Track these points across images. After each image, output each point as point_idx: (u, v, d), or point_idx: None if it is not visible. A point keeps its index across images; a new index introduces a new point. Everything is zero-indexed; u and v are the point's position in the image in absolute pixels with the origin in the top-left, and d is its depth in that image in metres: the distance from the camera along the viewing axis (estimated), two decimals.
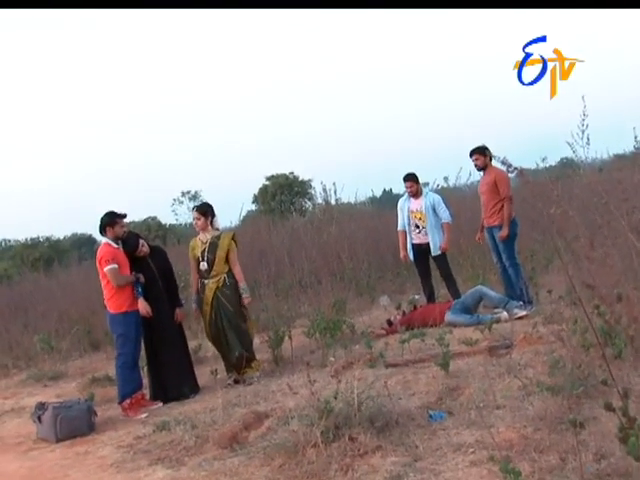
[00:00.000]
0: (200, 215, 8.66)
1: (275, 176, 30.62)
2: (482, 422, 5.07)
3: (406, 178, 10.54)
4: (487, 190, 9.65)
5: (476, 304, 9.49)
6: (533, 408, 5.24)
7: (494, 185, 9.51)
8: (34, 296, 16.66)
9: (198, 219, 8.67)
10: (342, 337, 8.90)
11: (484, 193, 9.75)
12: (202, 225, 8.63)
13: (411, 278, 12.65)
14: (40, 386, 10.55)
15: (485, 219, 9.83)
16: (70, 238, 39.95)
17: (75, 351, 12.78)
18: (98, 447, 6.79)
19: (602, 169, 11.02)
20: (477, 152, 9.75)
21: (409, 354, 7.72)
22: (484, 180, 9.81)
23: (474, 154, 9.78)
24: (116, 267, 7.93)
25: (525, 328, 7.78)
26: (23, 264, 27.71)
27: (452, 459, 4.68)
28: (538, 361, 6.43)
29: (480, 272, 11.45)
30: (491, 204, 9.62)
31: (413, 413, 5.68)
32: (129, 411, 7.83)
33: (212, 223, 8.68)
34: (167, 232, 27.91)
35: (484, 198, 9.77)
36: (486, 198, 9.71)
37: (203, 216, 8.63)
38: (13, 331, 14.17)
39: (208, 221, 8.61)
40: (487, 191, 9.65)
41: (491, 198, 9.61)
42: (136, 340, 8.09)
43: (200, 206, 8.93)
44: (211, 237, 8.54)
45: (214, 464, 5.53)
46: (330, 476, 4.75)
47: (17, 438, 7.65)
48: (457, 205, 14.02)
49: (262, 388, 7.70)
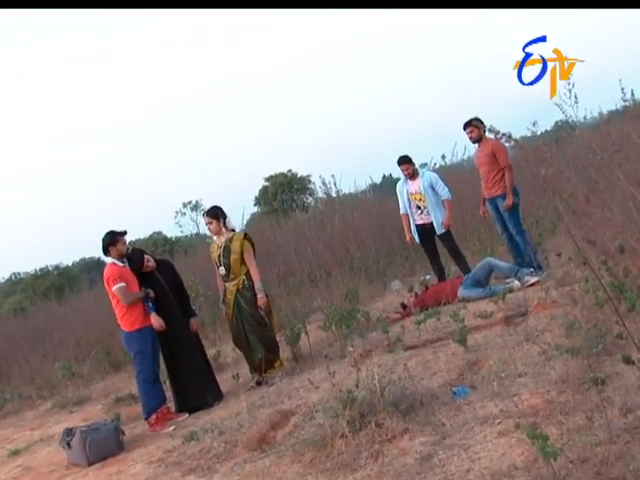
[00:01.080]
0: (211, 219, 8.59)
1: (274, 176, 30.65)
2: (505, 392, 5.08)
3: (400, 161, 10.51)
4: (486, 162, 9.62)
5: (487, 276, 9.47)
6: (555, 372, 5.23)
7: (492, 156, 9.48)
8: (49, 325, 16.73)
9: (210, 223, 8.61)
10: (358, 326, 8.88)
11: (483, 165, 9.72)
12: (215, 229, 8.59)
13: (420, 260, 12.65)
14: (66, 413, 10.59)
15: (486, 190, 9.80)
16: (79, 263, 40.06)
17: (96, 374, 12.83)
18: (129, 465, 6.80)
19: (596, 127, 11.01)
20: (471, 125, 9.72)
21: (426, 334, 7.71)
22: (481, 152, 9.78)
23: (468, 127, 9.76)
24: (124, 285, 7.94)
25: (538, 294, 7.79)
26: (35, 295, 27.81)
27: (480, 432, 4.68)
28: (555, 325, 6.42)
29: (488, 245, 11.45)
30: (491, 175, 9.60)
31: (436, 392, 5.68)
32: (156, 426, 7.85)
33: (225, 224, 8.63)
34: (173, 245, 27.97)
35: (483, 170, 9.74)
36: (486, 169, 9.68)
37: (215, 219, 8.57)
38: (33, 362, 14.22)
39: (221, 224, 8.57)
40: (486, 162, 9.62)
41: (491, 169, 9.58)
42: (154, 355, 8.09)
43: (209, 210, 8.76)
44: (225, 240, 8.52)
45: (245, 467, 5.53)
46: (361, 464, 4.75)
47: (49, 467, 7.67)
48: (458, 181, 14.02)
49: (285, 387, 7.70)
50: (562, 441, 4.05)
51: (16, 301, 28.64)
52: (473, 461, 4.25)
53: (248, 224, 20.69)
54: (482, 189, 9.99)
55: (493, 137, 9.02)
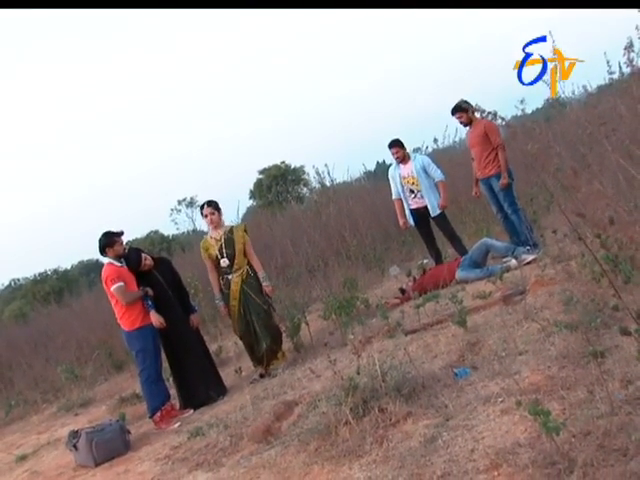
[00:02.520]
0: (214, 210, 8.61)
1: (267, 168, 30.62)
2: (506, 371, 5.11)
3: (391, 145, 10.48)
4: (478, 142, 9.59)
5: (484, 257, 9.47)
6: (555, 348, 5.25)
7: (485, 136, 9.46)
8: (51, 329, 16.75)
9: (212, 214, 8.59)
10: (358, 314, 8.90)
11: (475, 145, 9.70)
12: (217, 220, 8.61)
13: (417, 244, 12.65)
14: (71, 415, 10.62)
15: (479, 171, 9.77)
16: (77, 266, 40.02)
17: (99, 375, 12.86)
18: (137, 464, 6.82)
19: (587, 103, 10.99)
20: (459, 110, 9.70)
21: (426, 318, 7.70)
22: (473, 133, 9.75)
23: (456, 112, 9.74)
24: (122, 285, 7.95)
25: (535, 272, 7.80)
26: (35, 300, 27.80)
27: (483, 412, 4.69)
28: (553, 301, 6.44)
29: (483, 225, 11.45)
30: (484, 155, 9.58)
31: (438, 374, 5.69)
32: (161, 423, 7.87)
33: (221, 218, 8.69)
34: (171, 243, 27.97)
35: (476, 150, 9.72)
36: (478, 150, 9.66)
37: (217, 211, 8.61)
38: (36, 366, 14.26)
39: (221, 216, 8.63)
40: (478, 143, 9.60)
41: (483, 149, 9.56)
42: (155, 353, 8.11)
43: (212, 201, 8.73)
44: (224, 232, 8.53)
45: (252, 459, 5.54)
46: (366, 450, 4.76)
47: (57, 470, 7.69)
48: (451, 163, 14.00)
49: (287, 377, 7.71)
50: (564, 416, 4.06)
51: (17, 307, 28.65)
52: (477, 441, 4.26)
53: (244, 218, 20.66)
54: (474, 170, 9.98)
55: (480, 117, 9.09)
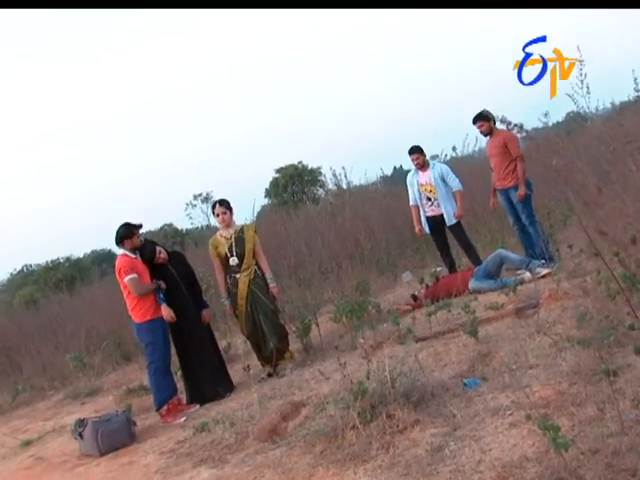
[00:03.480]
0: (226, 209, 8.64)
1: (284, 168, 30.56)
2: (517, 383, 5.07)
3: (411, 151, 10.49)
4: (497, 152, 9.58)
5: (498, 268, 9.44)
6: (566, 363, 5.22)
7: (504, 146, 9.45)
8: (61, 317, 16.76)
9: (224, 213, 8.63)
10: (369, 318, 8.89)
11: (494, 156, 9.68)
12: (228, 219, 8.63)
13: (431, 251, 12.62)
14: (78, 404, 10.64)
15: (498, 182, 9.75)
16: (90, 255, 40.06)
17: (108, 365, 12.86)
18: (141, 456, 6.83)
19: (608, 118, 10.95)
20: (480, 119, 9.69)
21: (437, 326, 7.70)
22: (492, 143, 9.73)
23: (478, 121, 9.72)
24: (136, 277, 7.96)
25: (550, 285, 7.77)
26: (46, 286, 27.85)
27: (491, 423, 4.68)
28: (566, 316, 6.42)
29: (499, 237, 11.41)
30: (503, 166, 9.56)
31: (447, 383, 5.68)
32: (167, 417, 7.87)
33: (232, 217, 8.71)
34: (184, 237, 27.96)
35: (495, 161, 9.70)
36: (497, 161, 9.64)
37: (229, 210, 8.64)
38: (45, 353, 14.27)
39: (232, 215, 8.65)
40: (498, 153, 9.58)
41: (502, 160, 9.54)
42: (165, 346, 8.12)
43: (224, 201, 8.78)
44: (235, 232, 8.56)
45: (257, 458, 5.55)
46: (372, 455, 4.76)
47: (61, 457, 7.70)
48: (469, 172, 13.97)
49: (296, 378, 7.71)
50: (573, 432, 4.05)
51: (28, 293, 28.66)
52: (484, 452, 4.25)
53: (258, 216, 20.66)
54: (493, 180, 9.96)
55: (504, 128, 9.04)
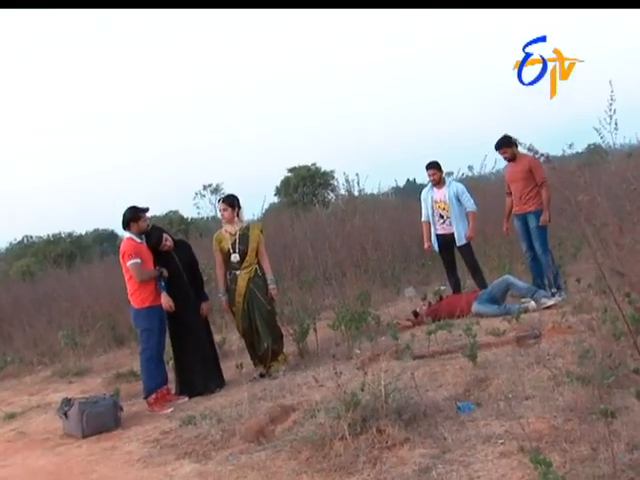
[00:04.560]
0: (227, 206, 8.62)
1: (297, 168, 30.57)
2: (511, 413, 5.02)
3: (429, 166, 10.47)
4: (521, 178, 9.52)
5: (503, 294, 9.40)
6: (563, 398, 5.18)
7: (529, 172, 9.40)
8: (57, 292, 16.70)
9: (225, 210, 8.63)
10: (367, 329, 8.82)
11: (517, 181, 9.61)
12: (229, 216, 8.60)
13: (436, 269, 12.58)
14: (65, 382, 10.58)
15: (517, 206, 9.66)
16: (92, 234, 40.04)
17: (99, 347, 12.81)
18: (124, 442, 6.79)
19: (631, 154, 10.90)
20: (504, 145, 9.63)
21: (436, 345, 7.65)
22: (516, 168, 9.66)
23: (501, 148, 9.67)
24: (139, 262, 7.91)
25: (554, 317, 7.72)
26: (45, 260, 27.80)
27: (481, 450, 4.63)
28: (567, 351, 6.36)
29: (507, 262, 11.33)
30: (526, 191, 9.51)
31: (441, 405, 5.63)
32: (155, 406, 7.82)
33: (238, 215, 8.65)
34: (189, 226, 27.90)
35: (517, 186, 9.63)
36: (520, 186, 9.57)
37: (230, 207, 8.60)
38: (37, 327, 14.21)
39: (235, 213, 8.58)
40: (521, 179, 9.53)
41: (526, 185, 9.49)
42: (160, 335, 8.08)
43: (227, 197, 8.87)
44: (240, 229, 8.52)
45: (241, 458, 5.50)
46: (358, 469, 4.71)
47: (44, 434, 7.66)
48: (483, 194, 13.89)
49: (288, 381, 7.65)
50: (564, 469, 4.00)
51: (25, 264, 28.60)
52: (472, 479, 4.21)
53: (266, 213, 20.62)
54: (508, 205, 9.89)
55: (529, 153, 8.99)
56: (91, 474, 6.03)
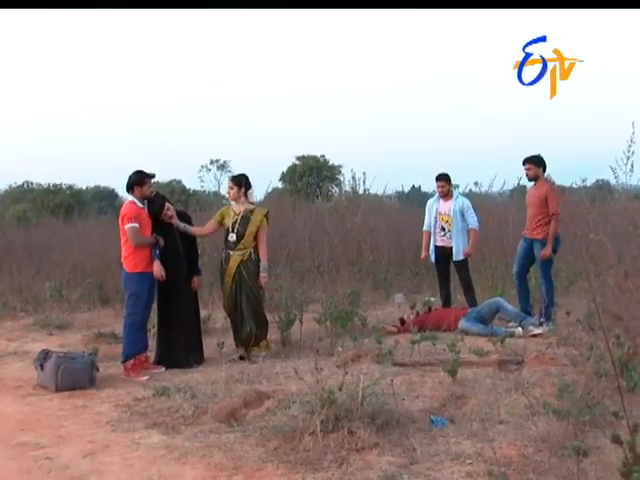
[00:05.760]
0: (234, 185, 8.61)
1: (306, 157, 30.59)
2: (483, 435, 5.06)
3: (439, 177, 10.49)
4: (535, 203, 9.52)
5: (492, 315, 9.42)
6: (537, 429, 5.19)
7: (544, 199, 9.38)
8: (50, 243, 16.62)
9: (231, 188, 8.64)
10: (353, 329, 8.85)
11: (532, 206, 9.61)
12: (234, 195, 8.59)
13: (429, 279, 12.57)
14: (45, 333, 10.55)
15: (528, 230, 9.68)
16: (92, 190, 40.07)
17: (84, 303, 12.75)
18: (96, 403, 6.78)
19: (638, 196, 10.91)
20: (530, 162, 9.60)
21: (418, 356, 7.67)
22: (534, 192, 9.66)
23: (527, 163, 9.62)
24: (137, 226, 7.89)
25: (538, 347, 7.74)
26: (43, 209, 27.75)
27: (448, 467, 4.65)
28: (547, 382, 6.38)
29: (500, 284, 11.33)
30: (537, 218, 9.49)
31: (415, 415, 5.65)
32: (131, 371, 7.82)
33: (247, 195, 8.62)
34: (190, 197, 27.85)
35: (531, 210, 9.63)
36: (533, 211, 9.57)
37: (237, 186, 8.57)
38: (25, 274, 14.15)
39: (241, 192, 8.55)
40: (535, 204, 9.52)
41: (538, 212, 9.47)
42: (148, 302, 8.09)
43: (235, 176, 8.89)
44: (244, 210, 8.49)
45: (210, 437, 5.52)
46: (324, 466, 4.72)
47: (17, 382, 7.65)
48: (486, 212, 13.86)
49: (266, 368, 7.66)
50: None
51: (22, 209, 28.58)
52: None
53: (269, 197, 20.56)
54: None
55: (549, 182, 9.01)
56: (59, 429, 6.02)
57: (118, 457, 5.28)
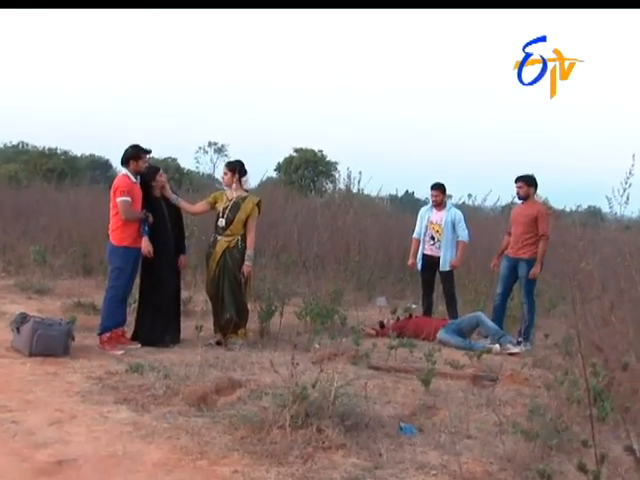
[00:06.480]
0: (228, 170, 8.62)
1: (303, 150, 30.53)
2: (451, 447, 5.04)
3: (433, 186, 10.50)
4: (525, 222, 9.50)
5: (471, 329, 9.42)
6: (504, 447, 5.19)
7: (534, 219, 9.37)
8: (40, 206, 16.60)
9: (225, 174, 8.65)
10: (332, 327, 8.82)
11: (520, 224, 9.58)
12: (228, 181, 8.60)
13: (413, 286, 12.55)
14: (25, 296, 10.52)
15: (512, 249, 9.64)
16: (87, 158, 39.88)
17: (67, 271, 12.74)
18: (68, 371, 6.77)
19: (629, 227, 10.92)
20: (523, 180, 9.60)
21: (394, 361, 7.66)
22: (524, 210, 9.66)
23: (519, 181, 9.62)
24: (129, 200, 7.87)
25: (514, 366, 7.75)
26: (35, 172, 27.62)
27: (413, 476, 4.65)
28: (519, 402, 6.39)
29: (483, 299, 11.33)
30: (524, 237, 9.47)
31: (384, 420, 5.64)
32: (106, 344, 7.80)
33: (241, 182, 8.62)
34: (184, 177, 27.77)
35: (518, 229, 9.60)
36: (520, 229, 9.55)
37: (231, 172, 8.58)
38: (11, 235, 14.11)
39: (235, 178, 8.55)
40: (524, 222, 9.50)
41: (526, 231, 9.46)
42: (130, 277, 8.09)
43: (231, 162, 8.91)
44: (237, 197, 8.49)
45: (178, 419, 5.51)
46: (289, 461, 4.72)
47: None
48: (477, 227, 13.86)
49: (242, 356, 7.65)
50: None
51: (14, 169, 28.42)
52: None
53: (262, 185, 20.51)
54: (504, 244, 9.88)
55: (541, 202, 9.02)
56: (28, 394, 6.01)
57: (84, 428, 5.27)
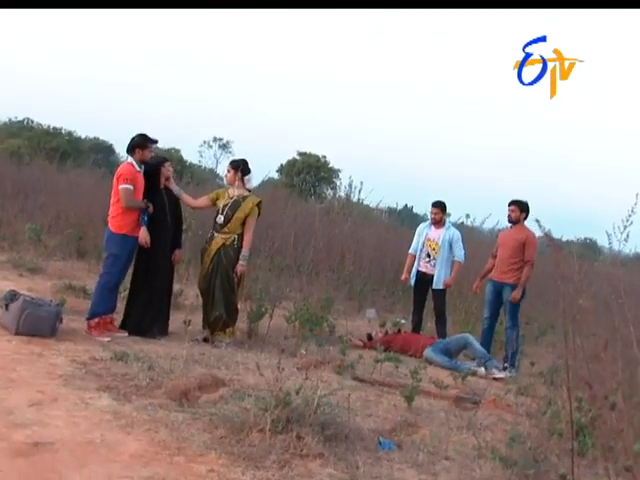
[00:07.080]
0: (231, 168, 8.68)
1: (307, 154, 30.57)
2: (428, 467, 5.03)
3: (434, 204, 10.51)
4: (512, 246, 9.54)
5: (458, 350, 9.42)
6: (480, 472, 5.17)
7: (522, 244, 9.43)
8: (40, 184, 16.59)
9: (228, 171, 8.72)
10: (320, 334, 8.82)
11: (507, 248, 9.63)
12: (230, 179, 8.64)
13: (404, 301, 12.57)
14: (16, 273, 10.51)
15: (496, 273, 9.69)
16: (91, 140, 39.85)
17: (60, 252, 12.72)
18: (53, 353, 6.75)
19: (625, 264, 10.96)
20: (516, 204, 9.65)
21: (379, 375, 7.66)
22: (512, 235, 9.71)
23: (513, 205, 9.67)
24: (131, 188, 7.87)
25: (497, 391, 7.74)
26: (38, 149, 27.59)
27: None
28: (500, 428, 6.38)
29: (472, 320, 11.34)
30: (510, 261, 9.52)
31: (364, 433, 5.61)
32: (94, 330, 7.78)
33: (243, 180, 8.62)
34: (186, 169, 27.74)
35: (504, 253, 9.65)
36: (507, 253, 9.59)
37: (234, 170, 8.62)
38: (8, 211, 14.11)
39: (237, 176, 8.57)
40: (511, 247, 9.55)
41: (513, 255, 9.51)
42: (125, 265, 8.09)
43: (235, 160, 8.94)
44: (238, 195, 8.51)
45: (159, 412, 5.48)
46: (266, 465, 4.69)
47: None
48: (473, 248, 13.87)
49: (227, 355, 7.64)
50: None
51: (16, 145, 28.41)
52: None
53: (263, 186, 20.53)
54: (488, 266, 9.92)
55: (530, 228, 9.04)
56: (11, 372, 5.99)
57: (64, 412, 5.24)
